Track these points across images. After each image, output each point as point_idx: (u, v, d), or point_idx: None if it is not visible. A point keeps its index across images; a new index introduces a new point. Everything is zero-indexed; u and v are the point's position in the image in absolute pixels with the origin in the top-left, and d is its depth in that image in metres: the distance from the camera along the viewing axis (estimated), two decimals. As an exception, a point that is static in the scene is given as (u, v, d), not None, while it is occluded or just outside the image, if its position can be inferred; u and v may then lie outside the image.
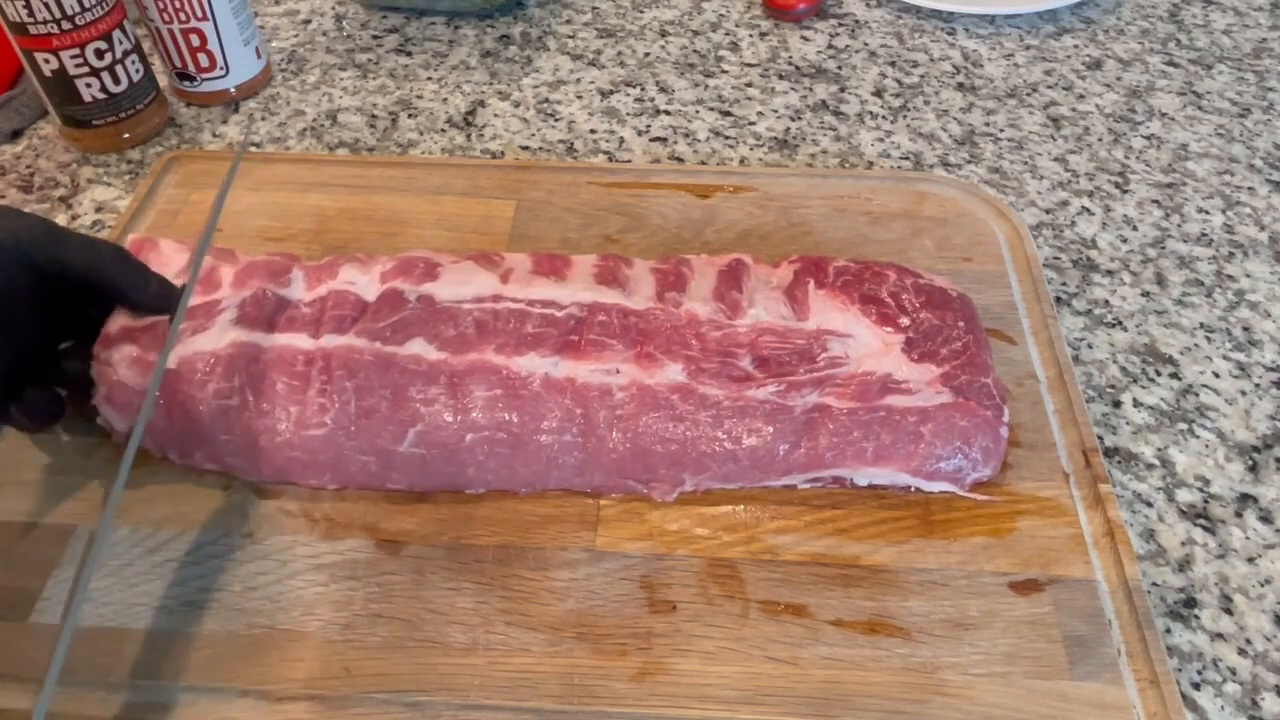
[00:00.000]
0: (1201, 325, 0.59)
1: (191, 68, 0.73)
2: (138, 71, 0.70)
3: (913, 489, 0.49)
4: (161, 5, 0.69)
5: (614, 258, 0.55)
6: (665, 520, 0.49)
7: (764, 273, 0.56)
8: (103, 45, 0.66)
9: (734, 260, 0.55)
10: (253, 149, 0.71)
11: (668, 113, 0.75)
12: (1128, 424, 0.54)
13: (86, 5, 0.64)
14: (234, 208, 0.53)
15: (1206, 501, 0.51)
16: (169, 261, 0.54)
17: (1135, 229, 0.65)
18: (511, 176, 0.67)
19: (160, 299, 0.49)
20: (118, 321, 0.50)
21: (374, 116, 0.75)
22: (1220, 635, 0.46)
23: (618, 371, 0.49)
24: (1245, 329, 0.59)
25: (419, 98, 0.76)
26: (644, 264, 0.55)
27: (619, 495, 0.49)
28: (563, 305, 0.52)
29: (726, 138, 0.73)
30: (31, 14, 0.63)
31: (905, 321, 0.52)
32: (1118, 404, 0.55)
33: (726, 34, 0.84)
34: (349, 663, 0.44)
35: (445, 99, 0.76)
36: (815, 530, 0.48)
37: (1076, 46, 0.81)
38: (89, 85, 0.67)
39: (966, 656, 0.44)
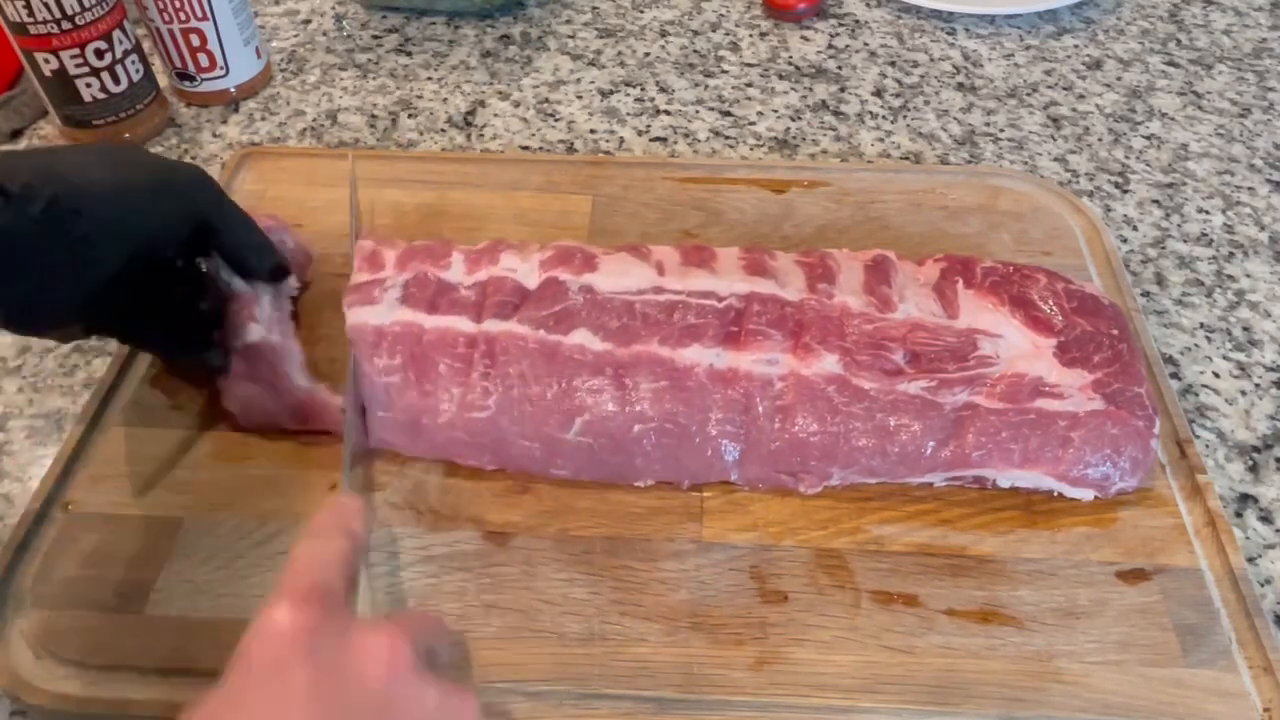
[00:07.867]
0: (1201, 325, 0.59)
1: (191, 68, 0.73)
2: (138, 71, 0.70)
3: (1055, 493, 0.49)
4: (161, 5, 0.69)
5: (758, 249, 0.55)
6: (768, 511, 0.49)
7: (909, 269, 0.55)
8: (103, 45, 0.66)
9: (878, 255, 0.55)
10: (323, 145, 0.71)
11: (668, 113, 0.75)
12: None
13: (86, 5, 0.64)
14: (311, 203, 0.53)
15: (1207, 501, 0.51)
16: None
17: (1135, 229, 0.65)
18: (586, 172, 0.67)
19: (274, 273, 0.53)
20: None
21: (374, 116, 0.75)
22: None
23: (776, 362, 0.49)
24: (1245, 329, 0.59)
25: (419, 98, 0.76)
26: (788, 256, 0.55)
27: (720, 486, 0.50)
28: (722, 296, 0.52)
29: (726, 138, 0.73)
30: (31, 14, 0.63)
31: (1057, 325, 0.51)
32: (1118, 404, 0.55)
33: (726, 34, 0.83)
34: (468, 652, 0.44)
35: (445, 99, 0.76)
36: (918, 521, 0.49)
37: (1076, 46, 0.81)
38: (89, 85, 0.67)
39: (1080, 645, 0.44)
